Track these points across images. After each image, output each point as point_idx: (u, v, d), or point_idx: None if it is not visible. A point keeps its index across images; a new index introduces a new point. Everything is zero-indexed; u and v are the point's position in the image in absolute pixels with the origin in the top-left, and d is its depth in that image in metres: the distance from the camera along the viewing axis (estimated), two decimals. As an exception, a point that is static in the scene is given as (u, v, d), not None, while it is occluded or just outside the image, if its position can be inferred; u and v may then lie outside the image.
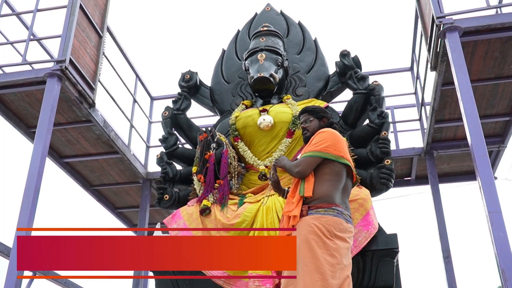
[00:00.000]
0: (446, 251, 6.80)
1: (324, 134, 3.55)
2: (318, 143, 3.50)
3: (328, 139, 3.50)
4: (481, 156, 4.46)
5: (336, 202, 3.37)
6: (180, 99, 5.97)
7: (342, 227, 3.31)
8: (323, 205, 3.32)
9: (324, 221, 3.27)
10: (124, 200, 8.51)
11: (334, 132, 3.61)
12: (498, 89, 6.19)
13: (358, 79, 5.51)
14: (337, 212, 3.32)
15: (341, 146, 3.52)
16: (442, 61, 5.47)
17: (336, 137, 3.56)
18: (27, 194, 5.08)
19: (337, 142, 3.51)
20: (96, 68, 6.49)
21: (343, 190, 3.48)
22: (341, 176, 3.47)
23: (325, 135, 3.54)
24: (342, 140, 3.60)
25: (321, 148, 3.46)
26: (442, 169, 7.75)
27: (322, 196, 3.36)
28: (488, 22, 5.18)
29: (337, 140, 3.54)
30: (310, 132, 3.74)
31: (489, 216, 4.22)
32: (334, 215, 3.29)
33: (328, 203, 3.34)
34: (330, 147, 3.46)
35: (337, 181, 3.44)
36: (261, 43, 5.78)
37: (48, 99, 5.53)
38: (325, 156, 3.44)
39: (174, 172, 5.52)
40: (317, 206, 3.32)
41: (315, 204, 3.34)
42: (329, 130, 3.64)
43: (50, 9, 6.27)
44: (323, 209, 3.31)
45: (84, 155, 7.32)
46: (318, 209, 3.31)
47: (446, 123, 6.80)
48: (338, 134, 3.62)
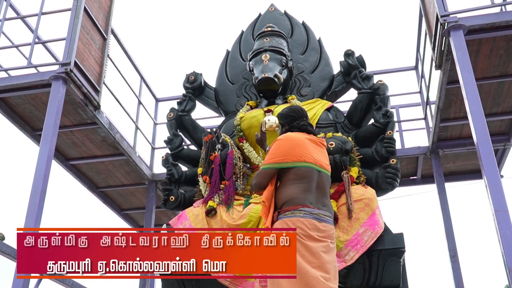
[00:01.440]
0: (452, 250, 6.78)
1: (278, 143, 3.58)
2: (271, 154, 3.55)
3: (281, 148, 3.53)
4: (487, 154, 4.45)
5: (305, 204, 3.38)
6: (185, 101, 5.98)
7: (312, 227, 3.33)
8: (290, 208, 3.37)
9: (290, 224, 3.31)
10: (130, 202, 8.53)
11: (289, 138, 3.60)
12: (504, 87, 6.17)
13: (362, 78, 5.50)
14: (305, 213, 3.34)
15: (298, 150, 3.51)
16: (446, 60, 5.46)
17: (291, 143, 3.56)
18: (34, 197, 5.11)
19: (291, 149, 3.52)
20: (101, 70, 6.51)
21: (317, 190, 3.48)
22: (309, 178, 3.46)
23: (278, 144, 3.57)
24: (300, 142, 3.56)
25: (274, 160, 3.51)
26: (447, 168, 7.73)
27: (289, 200, 3.41)
28: (492, 20, 5.16)
29: (292, 145, 3.54)
30: None
31: (495, 215, 4.21)
32: (301, 217, 3.32)
33: (295, 205, 3.37)
34: (284, 156, 3.48)
35: (304, 183, 3.45)
36: (265, 44, 5.78)
37: (53, 102, 5.55)
38: (279, 167, 3.49)
39: (180, 173, 5.53)
40: (285, 209, 3.38)
41: (283, 208, 3.40)
42: (285, 137, 3.63)
43: (55, 12, 6.29)
44: (289, 211, 3.36)
45: (89, 157, 7.34)
46: (286, 213, 3.37)
47: (451, 122, 6.78)
48: (294, 138, 3.59)
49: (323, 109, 5.53)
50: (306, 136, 3.63)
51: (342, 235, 4.29)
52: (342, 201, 4.52)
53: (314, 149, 3.57)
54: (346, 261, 4.19)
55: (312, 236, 3.30)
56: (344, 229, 4.33)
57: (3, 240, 6.05)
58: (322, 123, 5.42)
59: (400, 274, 4.29)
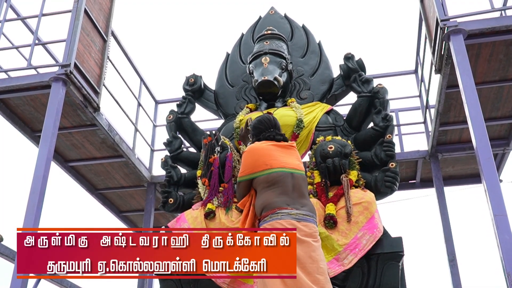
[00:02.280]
0: (451, 254, 6.77)
1: (244, 156, 3.72)
2: (242, 167, 3.71)
3: (247, 160, 3.66)
4: (486, 159, 4.45)
5: (281, 206, 3.42)
6: (185, 103, 5.98)
7: (292, 228, 3.36)
8: (268, 213, 3.42)
9: (269, 227, 3.35)
10: (129, 204, 8.52)
11: (253, 149, 3.70)
12: (503, 92, 6.18)
13: (362, 82, 5.51)
14: (282, 215, 3.38)
15: (263, 159, 3.59)
16: (446, 64, 5.46)
17: (255, 153, 3.66)
18: (32, 198, 5.10)
19: (256, 159, 3.62)
20: (101, 72, 6.52)
21: (294, 191, 3.51)
22: (281, 181, 3.51)
23: (245, 157, 3.70)
24: (264, 151, 3.64)
25: (244, 173, 3.66)
26: (447, 172, 7.74)
27: (265, 206, 3.47)
28: (492, 25, 5.17)
29: (257, 156, 3.64)
30: None
31: (494, 219, 4.21)
32: (278, 219, 3.37)
33: (272, 209, 3.42)
34: (251, 167, 3.60)
35: (278, 187, 3.50)
36: (265, 47, 5.78)
37: (53, 103, 5.55)
38: (249, 178, 3.62)
39: (179, 175, 5.53)
40: (263, 216, 3.44)
41: (262, 215, 3.47)
42: (249, 149, 3.73)
43: (55, 14, 6.29)
44: (268, 216, 3.41)
45: (89, 159, 7.34)
46: (265, 218, 3.42)
47: (451, 126, 6.79)
48: (257, 148, 3.69)
49: (323, 112, 5.54)
50: (272, 143, 3.71)
51: (341, 239, 4.29)
52: (341, 204, 4.52)
53: (281, 154, 3.65)
54: (345, 265, 4.19)
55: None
56: (343, 232, 4.33)
57: (1, 241, 6.05)
58: (322, 126, 5.43)
59: (398, 278, 4.28)
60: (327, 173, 4.80)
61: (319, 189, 4.78)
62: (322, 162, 4.86)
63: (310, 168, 5.02)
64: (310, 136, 5.36)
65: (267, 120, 3.86)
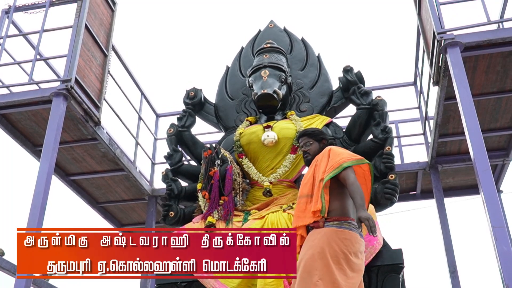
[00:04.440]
0: (452, 266, 6.76)
1: (335, 149, 3.65)
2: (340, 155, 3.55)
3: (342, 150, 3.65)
4: (483, 170, 4.47)
5: (351, 216, 3.41)
6: (185, 116, 6.01)
7: (358, 244, 3.35)
8: (338, 218, 3.36)
9: (342, 237, 3.30)
10: (130, 217, 8.53)
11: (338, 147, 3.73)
12: (501, 103, 6.21)
13: (361, 94, 5.54)
14: (353, 226, 3.36)
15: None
16: (444, 76, 5.50)
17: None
18: (33, 212, 5.12)
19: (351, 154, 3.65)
20: (102, 87, 6.56)
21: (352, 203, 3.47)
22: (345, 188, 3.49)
23: (336, 150, 3.64)
24: None
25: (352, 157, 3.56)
26: (447, 183, 7.74)
27: (336, 209, 3.41)
28: (489, 37, 5.21)
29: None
30: (311, 155, 3.82)
31: (493, 231, 4.21)
32: (349, 229, 3.33)
33: (343, 217, 3.38)
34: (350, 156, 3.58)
35: (346, 193, 3.47)
36: (265, 60, 5.82)
37: (54, 118, 5.59)
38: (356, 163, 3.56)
39: (179, 188, 5.55)
40: (333, 218, 3.36)
41: (331, 216, 3.38)
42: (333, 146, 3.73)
43: (56, 29, 6.35)
44: (338, 221, 3.35)
45: (90, 173, 7.36)
46: (334, 222, 3.35)
47: (450, 137, 6.81)
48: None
49: (322, 125, 5.56)
50: None
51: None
52: (340, 216, 4.52)
53: None
54: (345, 277, 4.18)
55: (355, 252, 3.32)
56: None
57: (3, 255, 6.05)
58: (321, 139, 5.44)
59: (399, 290, 4.28)
60: (326, 185, 4.81)
61: (319, 201, 4.79)
62: (322, 174, 4.87)
63: (310, 180, 5.03)
64: (310, 148, 5.37)
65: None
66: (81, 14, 6.13)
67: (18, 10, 6.51)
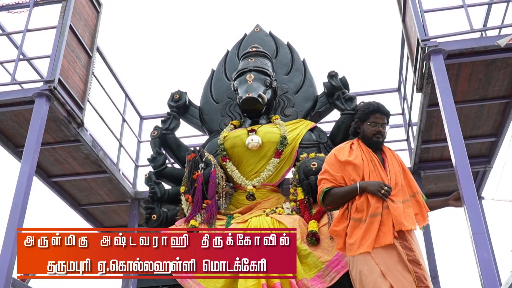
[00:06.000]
0: (433, 272, 6.80)
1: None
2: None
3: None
4: (465, 177, 4.50)
5: None
6: (169, 119, 5.99)
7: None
8: None
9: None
10: (113, 220, 8.46)
11: None
12: (484, 110, 6.27)
13: (345, 99, 5.57)
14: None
15: None
16: (427, 83, 5.54)
17: None
18: (14, 214, 5.04)
19: None
20: (85, 88, 6.51)
21: None
22: None
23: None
24: None
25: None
26: (429, 189, 7.80)
27: None
28: (472, 45, 5.26)
29: None
30: (383, 139, 3.92)
31: (473, 237, 4.25)
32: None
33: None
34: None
35: None
36: (250, 64, 5.83)
37: (36, 119, 5.53)
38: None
39: (162, 191, 5.52)
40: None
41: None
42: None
43: (40, 30, 6.29)
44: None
45: (72, 175, 7.29)
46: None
47: (432, 144, 6.86)
48: None
49: (307, 130, 5.58)
50: None
51: (324, 256, 4.30)
52: (324, 221, 4.54)
53: None
54: (327, 282, 4.19)
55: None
56: (325, 249, 4.34)
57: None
58: (305, 143, 5.47)
59: (380, 295, 4.29)
60: (310, 190, 4.83)
61: (302, 206, 4.81)
62: (305, 179, 4.89)
63: (294, 185, 5.05)
64: (294, 153, 5.40)
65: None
66: (65, 14, 6.08)
67: (1, 10, 6.43)
